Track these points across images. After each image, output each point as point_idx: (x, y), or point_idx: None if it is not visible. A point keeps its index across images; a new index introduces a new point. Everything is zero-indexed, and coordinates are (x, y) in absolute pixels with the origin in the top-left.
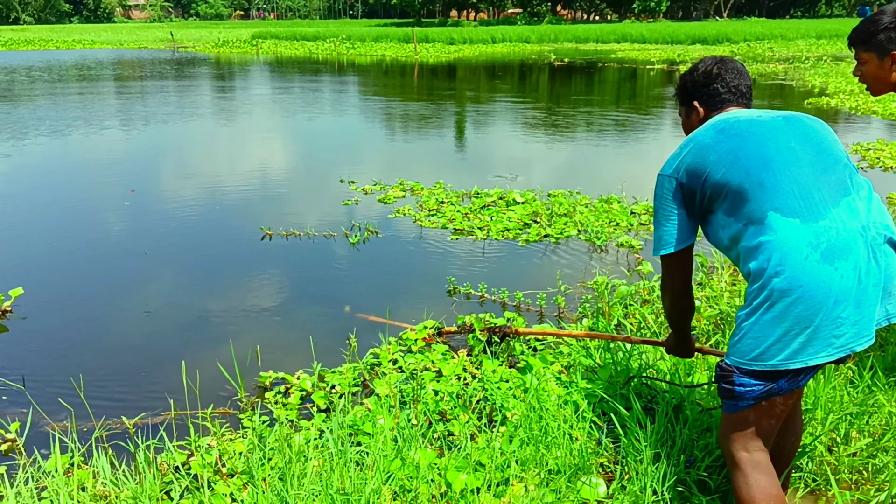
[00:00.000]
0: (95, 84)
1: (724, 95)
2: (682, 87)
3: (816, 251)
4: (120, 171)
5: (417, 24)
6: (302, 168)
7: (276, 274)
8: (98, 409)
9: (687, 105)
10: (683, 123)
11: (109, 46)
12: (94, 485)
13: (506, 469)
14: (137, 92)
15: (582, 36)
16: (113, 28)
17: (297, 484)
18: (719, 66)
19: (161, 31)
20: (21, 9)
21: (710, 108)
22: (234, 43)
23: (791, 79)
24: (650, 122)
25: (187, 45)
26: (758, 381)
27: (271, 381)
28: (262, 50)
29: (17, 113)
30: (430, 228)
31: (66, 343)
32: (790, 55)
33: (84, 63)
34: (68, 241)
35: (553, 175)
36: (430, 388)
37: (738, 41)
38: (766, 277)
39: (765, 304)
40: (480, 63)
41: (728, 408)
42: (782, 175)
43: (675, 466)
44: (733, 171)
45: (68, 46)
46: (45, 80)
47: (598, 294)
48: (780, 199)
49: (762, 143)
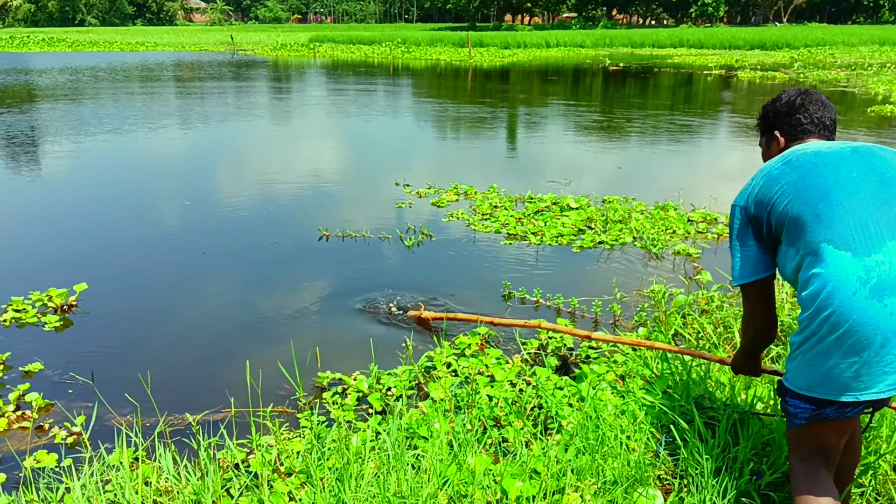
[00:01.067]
0: (157, 84)
1: (805, 126)
2: (763, 116)
3: (865, 286)
4: (180, 170)
5: (472, 29)
6: (358, 170)
7: (332, 275)
8: (161, 403)
9: (767, 135)
10: (763, 153)
11: (171, 49)
12: (158, 479)
13: (561, 478)
14: (198, 93)
15: (637, 41)
16: (175, 31)
17: (354, 485)
18: (803, 97)
19: (221, 35)
20: (86, 11)
21: (791, 139)
22: (291, 46)
23: (853, 86)
24: (706, 129)
25: (246, 48)
26: (808, 405)
27: (329, 382)
28: (318, 53)
29: (80, 112)
30: (484, 233)
31: (130, 338)
32: (852, 62)
33: (147, 64)
34: (129, 237)
35: (607, 180)
36: (484, 394)
37: (798, 47)
38: (816, 309)
39: (815, 336)
40: (534, 67)
41: (787, 421)
42: (839, 206)
43: (737, 480)
44: (794, 203)
45: (132, 48)
46: (109, 81)
47: (654, 303)
48: (834, 231)
49: (823, 173)
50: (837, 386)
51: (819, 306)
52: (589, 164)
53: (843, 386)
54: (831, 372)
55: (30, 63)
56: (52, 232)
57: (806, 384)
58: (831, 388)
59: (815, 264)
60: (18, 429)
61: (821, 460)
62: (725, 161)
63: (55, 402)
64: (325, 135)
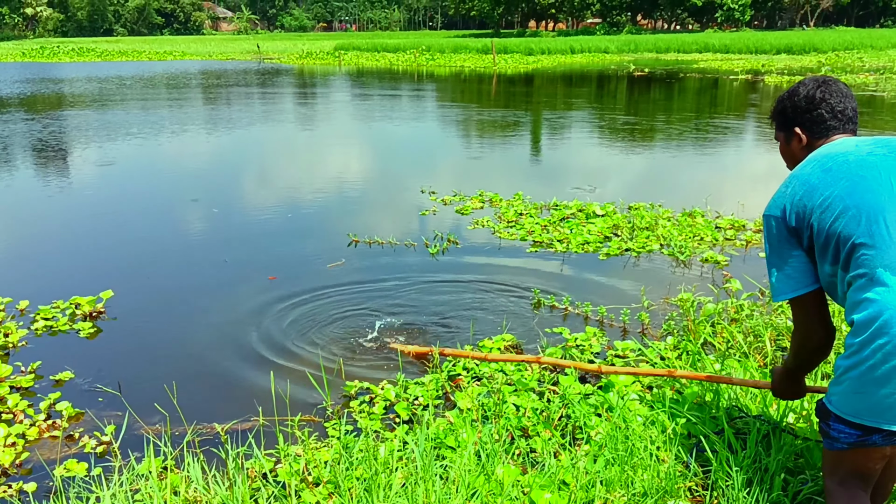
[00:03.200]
0: (185, 92)
1: (829, 122)
2: (780, 111)
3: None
4: (207, 177)
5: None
6: (385, 177)
7: (359, 283)
8: (188, 413)
9: (786, 131)
10: (782, 150)
11: (199, 58)
12: (186, 489)
13: (590, 489)
14: (224, 101)
15: (662, 46)
16: (202, 40)
17: (382, 496)
18: (823, 90)
19: (247, 43)
20: (115, 20)
21: (814, 136)
22: (317, 55)
23: (882, 90)
24: (732, 134)
25: (272, 56)
26: (853, 430)
27: (356, 391)
28: (344, 61)
29: (108, 118)
30: (509, 240)
31: (157, 346)
32: (881, 65)
33: (175, 73)
34: (156, 244)
35: (633, 187)
36: (511, 403)
37: (826, 51)
38: (871, 335)
39: (868, 362)
40: (559, 74)
41: (826, 443)
42: (895, 229)
43: (769, 493)
44: (843, 221)
45: (160, 58)
46: (138, 89)
47: (683, 311)
48: (891, 257)
49: (872, 188)
50: (890, 415)
51: (874, 334)
52: (614, 171)
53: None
54: (884, 401)
55: (60, 73)
56: (77, 238)
57: (854, 410)
58: (883, 416)
59: (870, 288)
60: (49, 438)
61: (859, 483)
62: (752, 167)
63: (85, 410)
64: (352, 142)
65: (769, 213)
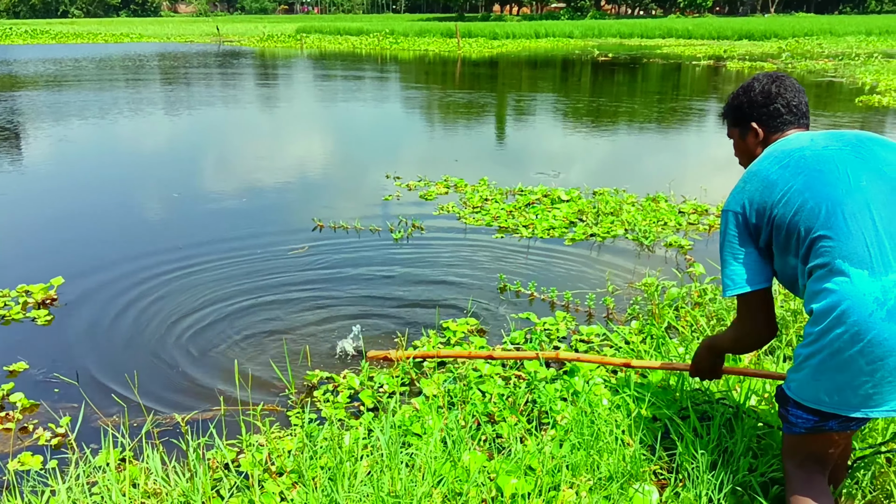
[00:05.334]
0: (142, 75)
1: (785, 116)
2: (736, 107)
3: (882, 308)
4: (166, 160)
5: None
6: (348, 162)
7: (322, 268)
8: (148, 403)
9: (741, 126)
10: (737, 145)
11: (156, 40)
12: (146, 481)
13: (556, 474)
14: (183, 84)
15: (626, 31)
16: (160, 22)
17: (347, 485)
18: (777, 85)
19: (207, 26)
20: (70, 2)
21: (770, 131)
22: (278, 37)
23: (841, 76)
24: (695, 119)
25: (232, 39)
26: (810, 416)
27: (318, 380)
28: (306, 44)
29: (61, 99)
30: (474, 226)
31: (114, 335)
32: (839, 52)
33: (132, 56)
34: (109, 229)
35: (597, 172)
36: (476, 389)
37: (786, 37)
38: (829, 325)
39: (826, 350)
40: (523, 58)
41: (784, 427)
42: (853, 221)
43: (734, 474)
44: (802, 215)
45: (116, 40)
46: (93, 70)
47: (647, 295)
48: (849, 248)
49: (830, 181)
50: (846, 402)
51: (832, 323)
52: (579, 156)
53: (853, 402)
54: (841, 388)
55: (11, 55)
56: (23, 223)
57: (812, 397)
58: (839, 403)
59: (829, 278)
60: (2, 430)
61: (817, 466)
62: (715, 152)
63: (40, 402)
64: (316, 126)
65: (728, 209)
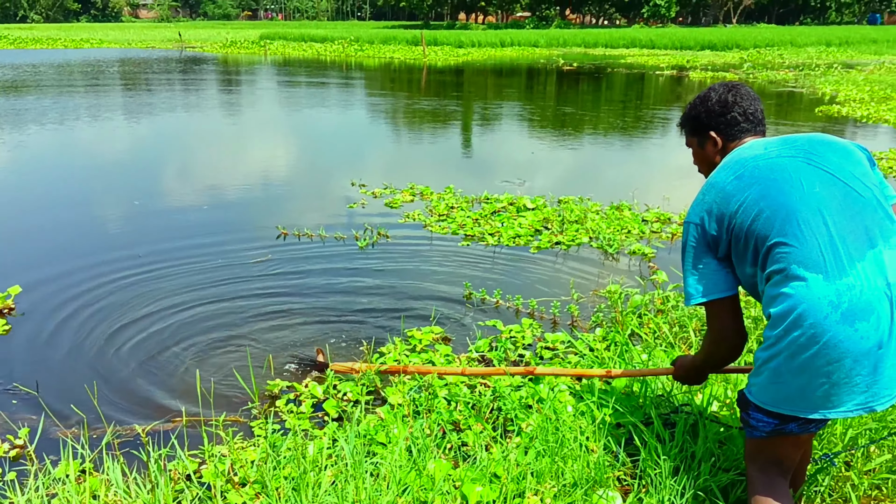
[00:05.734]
0: (103, 82)
1: (742, 125)
2: (693, 117)
3: (837, 311)
4: (126, 168)
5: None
6: (313, 169)
7: (286, 277)
8: (108, 414)
9: (700, 136)
10: (696, 154)
11: (117, 46)
12: (106, 493)
13: (521, 481)
14: (144, 90)
15: (591, 40)
16: (121, 27)
17: (311, 495)
18: (734, 93)
19: (169, 31)
20: (29, 7)
21: (728, 139)
22: (241, 43)
23: (801, 86)
24: (658, 129)
25: (195, 45)
26: (771, 419)
27: (280, 390)
28: (270, 51)
29: (19, 106)
30: (440, 234)
31: (73, 346)
32: (800, 62)
33: (92, 62)
34: (67, 237)
35: (562, 181)
36: (442, 397)
37: (748, 47)
38: (786, 329)
39: (784, 353)
40: (489, 67)
41: (746, 432)
42: (807, 227)
43: (696, 479)
44: (758, 224)
45: (76, 45)
46: (53, 76)
47: (611, 303)
48: (804, 253)
49: (784, 190)
50: (805, 404)
51: (789, 326)
52: (544, 164)
53: (811, 404)
54: (799, 390)
55: None
56: None
57: (772, 400)
58: (798, 405)
59: (786, 283)
60: None
61: (777, 469)
62: (677, 161)
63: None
64: (281, 133)
65: (689, 220)
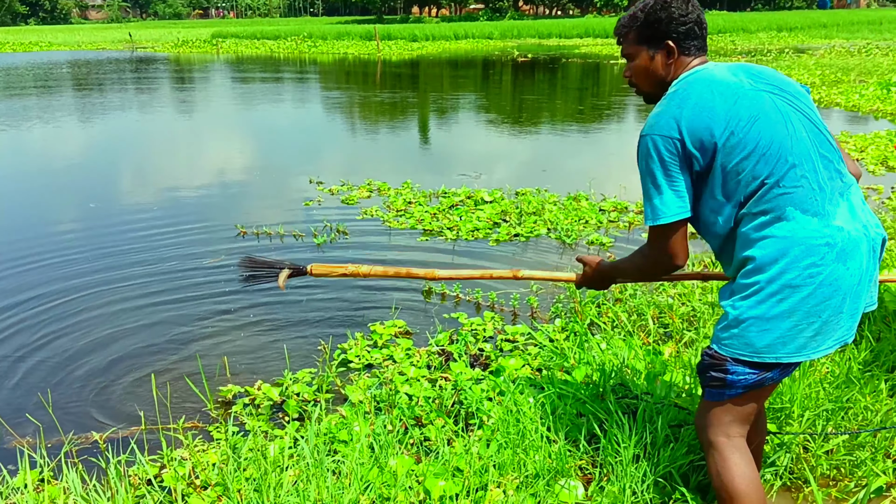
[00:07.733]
0: (53, 84)
1: (698, 40)
2: (650, 22)
3: (833, 251)
4: (80, 169)
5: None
6: (270, 167)
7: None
8: (65, 422)
9: (652, 44)
10: (638, 68)
11: (67, 48)
12: (65, 500)
13: (484, 474)
14: (96, 91)
15: (545, 31)
16: (70, 29)
17: (273, 495)
18: (692, 4)
19: (119, 32)
20: None
21: (683, 52)
22: (193, 43)
23: None
24: (614, 118)
25: (146, 45)
26: (753, 371)
27: (234, 395)
28: (222, 49)
29: None
30: (399, 229)
31: (25, 353)
32: (752, 48)
33: (41, 64)
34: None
35: (518, 173)
36: (403, 393)
37: None
38: (777, 272)
39: (773, 297)
40: (444, 60)
41: (713, 395)
42: (801, 170)
43: (656, 466)
44: (749, 160)
45: (25, 48)
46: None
47: (569, 294)
48: (801, 197)
49: (778, 130)
50: (793, 347)
51: (782, 269)
52: (500, 157)
53: (800, 346)
54: (790, 332)
55: None
56: None
57: (760, 347)
58: (786, 349)
59: (776, 225)
60: None
61: (741, 432)
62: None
63: None
64: (236, 131)
65: (660, 133)
